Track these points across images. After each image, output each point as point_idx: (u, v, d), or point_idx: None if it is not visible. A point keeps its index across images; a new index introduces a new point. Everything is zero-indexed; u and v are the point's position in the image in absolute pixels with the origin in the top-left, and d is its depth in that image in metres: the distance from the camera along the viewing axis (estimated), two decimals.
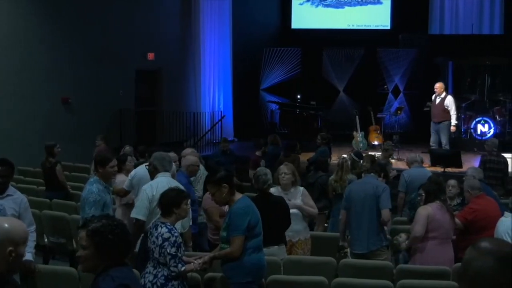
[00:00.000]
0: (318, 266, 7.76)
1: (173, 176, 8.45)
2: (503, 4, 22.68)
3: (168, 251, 6.18)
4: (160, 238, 6.19)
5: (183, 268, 6.25)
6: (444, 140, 17.16)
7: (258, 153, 14.63)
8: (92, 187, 7.61)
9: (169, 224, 6.36)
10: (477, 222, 8.26)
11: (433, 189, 8.14)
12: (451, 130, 17.20)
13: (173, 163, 9.04)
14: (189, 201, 6.91)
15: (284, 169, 8.74)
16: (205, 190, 9.27)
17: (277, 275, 7.27)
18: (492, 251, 2.68)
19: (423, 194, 8.26)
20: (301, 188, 9.14)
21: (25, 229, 4.06)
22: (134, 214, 7.77)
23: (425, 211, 7.91)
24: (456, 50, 22.00)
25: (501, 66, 22.03)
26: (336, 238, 8.90)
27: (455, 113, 17.15)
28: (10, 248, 3.76)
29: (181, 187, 7.46)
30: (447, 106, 17.12)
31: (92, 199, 7.45)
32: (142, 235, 7.53)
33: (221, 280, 6.88)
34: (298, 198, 8.81)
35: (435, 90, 17.44)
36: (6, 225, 3.85)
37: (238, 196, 6.64)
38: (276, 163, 13.55)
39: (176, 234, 6.32)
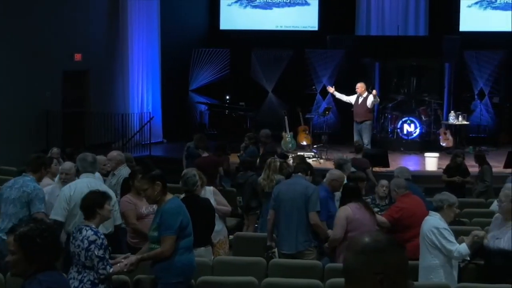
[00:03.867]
0: (247, 266, 7.78)
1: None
2: (427, 6, 23.10)
3: (96, 253, 6.12)
4: (86, 241, 6.12)
5: (111, 270, 6.20)
6: (366, 140, 17.44)
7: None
8: (36, 184, 7.77)
9: (93, 226, 6.29)
10: (403, 220, 8.39)
11: (351, 189, 8.22)
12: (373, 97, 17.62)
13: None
14: (112, 202, 6.89)
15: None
16: (122, 194, 9.20)
17: (207, 276, 7.26)
18: (356, 245, 2.82)
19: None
20: (211, 188, 9.19)
21: None
22: (52, 215, 7.79)
23: (343, 212, 7.99)
24: (383, 51, 22.32)
25: (426, 67, 22.46)
26: (264, 238, 8.92)
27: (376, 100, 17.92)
28: None
29: (103, 188, 7.47)
30: (369, 104, 17.44)
31: (42, 195, 7.57)
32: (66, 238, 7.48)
33: (151, 281, 6.84)
34: (211, 199, 8.82)
35: (357, 90, 17.78)
36: None
37: (169, 196, 6.64)
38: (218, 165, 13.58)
39: (102, 236, 6.30)
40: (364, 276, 2.74)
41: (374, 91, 17.75)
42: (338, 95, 18.36)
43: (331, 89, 18.35)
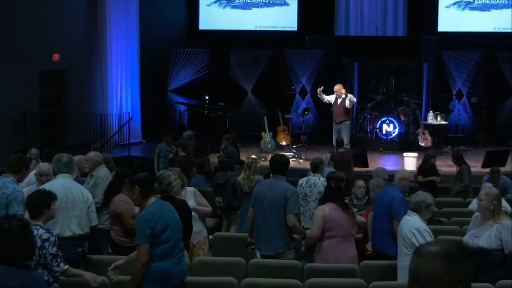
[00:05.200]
0: (227, 266, 7.77)
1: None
2: (406, 6, 23.22)
3: (50, 251, 6.17)
4: (39, 240, 6.12)
5: (66, 267, 6.22)
6: (345, 140, 17.49)
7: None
8: (16, 186, 7.76)
9: (43, 225, 6.31)
10: None
11: (333, 189, 8.21)
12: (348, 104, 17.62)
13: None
14: (88, 203, 6.99)
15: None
16: (107, 194, 9.16)
17: (187, 276, 7.23)
18: (436, 253, 2.77)
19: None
20: (191, 189, 9.17)
21: None
22: (26, 216, 7.74)
23: (321, 211, 7.99)
24: (362, 52, 22.39)
25: (405, 67, 22.57)
26: (243, 238, 8.90)
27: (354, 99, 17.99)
28: None
29: (79, 189, 7.53)
30: (348, 104, 17.49)
31: (21, 198, 7.52)
32: None
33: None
34: (191, 200, 8.81)
35: (335, 92, 17.80)
36: None
37: (150, 201, 6.59)
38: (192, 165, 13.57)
39: (54, 233, 6.37)
40: (445, 284, 2.73)
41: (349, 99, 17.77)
42: (324, 96, 18.30)
43: (319, 90, 18.27)
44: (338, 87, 17.83)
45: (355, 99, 18.23)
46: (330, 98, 18.11)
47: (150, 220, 6.45)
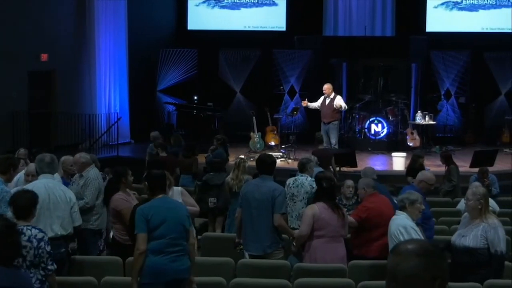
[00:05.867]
0: (216, 267, 7.78)
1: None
2: (394, 7, 23.26)
3: (47, 249, 6.20)
4: (34, 240, 6.15)
5: (55, 266, 6.33)
6: (334, 140, 17.50)
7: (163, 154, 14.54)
8: (4, 186, 7.82)
9: (33, 225, 6.36)
10: (371, 220, 8.40)
11: (324, 189, 8.20)
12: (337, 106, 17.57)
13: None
14: (71, 204, 7.27)
15: None
16: (106, 193, 9.18)
17: None
18: (413, 251, 2.81)
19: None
20: (179, 188, 9.17)
21: None
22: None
23: (310, 210, 7.98)
24: (350, 52, 22.42)
25: (393, 67, 22.62)
26: (232, 238, 8.90)
27: (345, 105, 17.84)
28: None
29: (62, 189, 7.72)
30: (337, 106, 17.47)
31: (8, 198, 7.47)
32: None
33: None
34: (179, 200, 8.78)
35: (324, 91, 17.79)
36: None
37: (157, 196, 6.92)
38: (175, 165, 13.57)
39: (46, 233, 6.47)
40: (422, 281, 2.75)
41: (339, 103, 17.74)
42: (311, 105, 18.25)
43: (304, 103, 18.24)
44: (327, 87, 17.82)
45: (344, 106, 18.00)
46: (318, 103, 18.02)
47: (145, 213, 6.69)
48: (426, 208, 8.54)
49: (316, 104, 18.08)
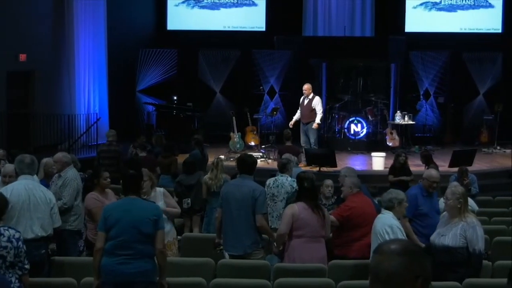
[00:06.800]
0: (196, 267, 7.76)
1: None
2: (373, 7, 23.35)
3: (24, 249, 6.28)
4: (14, 240, 6.20)
5: (28, 265, 6.37)
6: (313, 140, 17.47)
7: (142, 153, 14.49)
8: None
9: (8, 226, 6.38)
10: (353, 219, 8.41)
11: (305, 189, 8.20)
12: (314, 127, 17.41)
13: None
14: (51, 204, 7.25)
15: None
16: (85, 193, 9.15)
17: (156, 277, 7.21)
18: (396, 250, 2.85)
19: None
20: (161, 189, 9.15)
21: None
22: None
23: (290, 210, 7.99)
24: (330, 52, 22.49)
25: (372, 67, 22.68)
26: (212, 238, 8.89)
27: (320, 112, 17.45)
28: None
29: (41, 190, 7.71)
30: (314, 106, 17.42)
31: None
32: None
33: None
34: (161, 201, 8.77)
35: (304, 91, 17.72)
36: None
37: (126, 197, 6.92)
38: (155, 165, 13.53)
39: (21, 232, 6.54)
40: (405, 280, 2.78)
41: (316, 125, 17.53)
42: (295, 119, 18.06)
43: (291, 125, 18.03)
44: (307, 87, 17.77)
45: (320, 110, 17.77)
46: (298, 112, 17.85)
47: (106, 212, 6.78)
48: (425, 205, 8.63)
49: (297, 116, 17.90)
